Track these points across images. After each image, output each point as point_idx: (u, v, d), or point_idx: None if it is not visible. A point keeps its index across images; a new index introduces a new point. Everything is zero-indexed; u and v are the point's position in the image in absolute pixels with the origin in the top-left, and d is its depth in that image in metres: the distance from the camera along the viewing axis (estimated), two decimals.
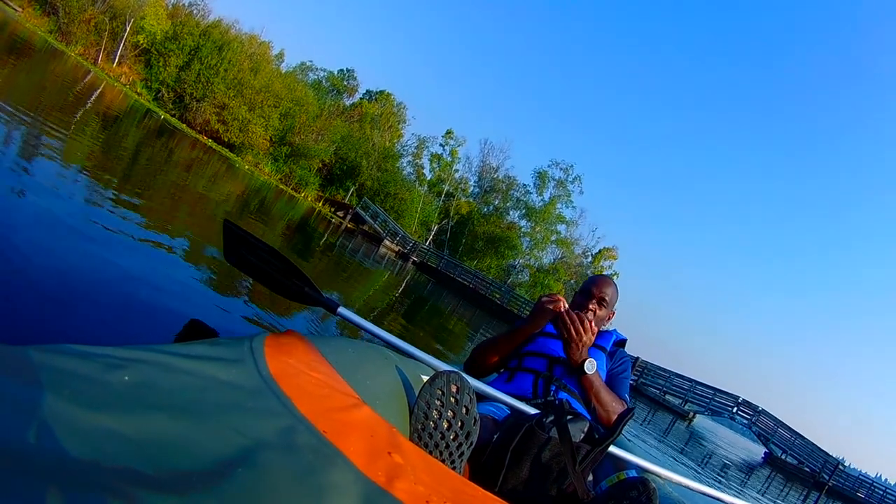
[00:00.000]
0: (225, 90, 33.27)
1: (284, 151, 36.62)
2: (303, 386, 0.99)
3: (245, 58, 35.16)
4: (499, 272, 46.70)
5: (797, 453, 27.47)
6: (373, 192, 40.08)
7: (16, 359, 0.66)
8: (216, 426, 0.74)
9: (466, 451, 1.28)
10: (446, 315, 12.89)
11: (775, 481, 16.56)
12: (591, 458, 1.42)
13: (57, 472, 0.51)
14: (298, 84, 39.81)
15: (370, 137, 43.81)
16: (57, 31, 31.01)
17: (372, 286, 9.53)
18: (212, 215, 6.61)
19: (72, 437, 0.58)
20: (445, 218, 47.47)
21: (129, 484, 0.55)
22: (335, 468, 0.79)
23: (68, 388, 0.65)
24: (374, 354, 1.47)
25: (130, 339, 2.10)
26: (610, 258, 49.06)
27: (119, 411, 0.66)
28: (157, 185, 6.43)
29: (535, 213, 47.01)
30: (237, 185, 15.10)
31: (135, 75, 32.58)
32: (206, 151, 22.78)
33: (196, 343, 0.99)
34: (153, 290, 2.74)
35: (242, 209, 9.44)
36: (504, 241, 45.77)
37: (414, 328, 6.54)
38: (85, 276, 2.48)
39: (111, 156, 6.28)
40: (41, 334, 1.76)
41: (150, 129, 15.42)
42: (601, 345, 2.22)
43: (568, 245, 48.61)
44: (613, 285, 2.32)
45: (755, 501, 8.74)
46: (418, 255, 35.22)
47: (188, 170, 10.77)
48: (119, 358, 0.77)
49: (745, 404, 27.65)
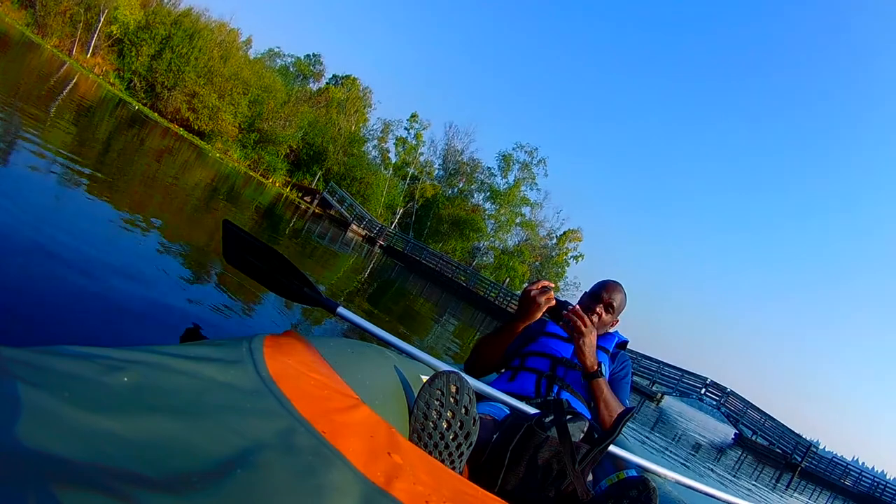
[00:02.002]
0: (195, 78, 33.18)
1: (253, 138, 36.49)
2: (302, 387, 1.00)
3: (215, 45, 34.95)
4: (464, 254, 46.66)
5: (768, 435, 27.46)
6: (339, 176, 40.12)
7: (14, 360, 0.66)
8: (215, 427, 0.75)
9: (466, 451, 1.29)
10: (413, 297, 12.87)
11: (746, 462, 16.54)
12: (590, 458, 1.43)
13: (56, 474, 0.52)
14: (267, 71, 39.60)
15: (336, 122, 43.73)
16: (34, 24, 30.71)
17: (339, 270, 9.52)
18: (193, 206, 6.62)
19: (71, 438, 0.58)
20: (410, 201, 47.41)
21: (129, 485, 0.55)
22: (334, 469, 0.81)
23: (67, 389, 0.65)
24: (373, 355, 1.48)
25: (124, 337, 2.08)
26: (575, 240, 49.31)
27: (118, 412, 0.67)
28: (132, 176, 6.41)
29: (500, 195, 47.08)
30: (207, 172, 15.00)
31: (108, 66, 32.39)
32: (177, 140, 22.66)
33: (195, 344, 1.00)
34: (144, 288, 2.74)
35: (212, 196, 9.39)
36: (469, 223, 45.81)
37: (380, 311, 6.51)
38: (74, 275, 2.45)
39: (85, 148, 6.24)
40: (35, 335, 1.74)
41: (123, 119, 15.29)
42: (603, 346, 2.21)
43: (532, 227, 48.83)
44: (623, 293, 2.30)
45: (753, 497, 8.62)
46: (385, 238, 35.21)
47: (159, 159, 10.75)
48: (118, 359, 0.78)
49: (714, 385, 27.63)
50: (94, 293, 2.35)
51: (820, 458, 28.77)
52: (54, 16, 31.15)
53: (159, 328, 2.41)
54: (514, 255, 46.98)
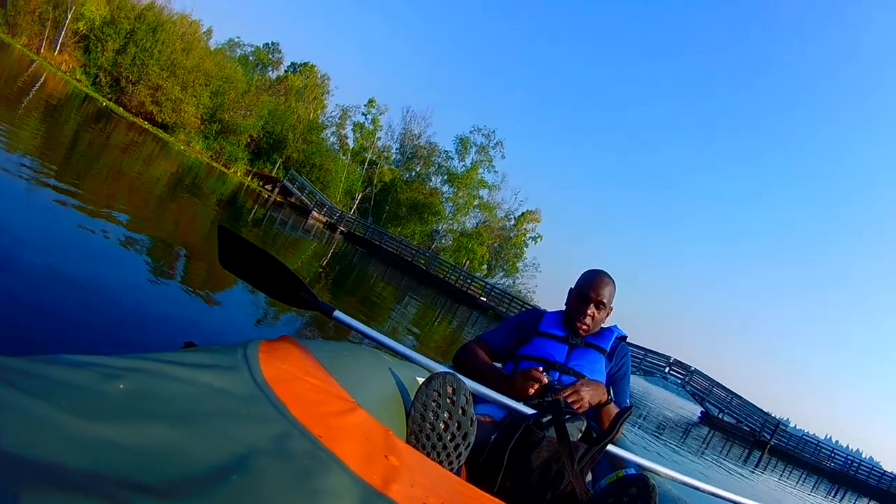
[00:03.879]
0: (159, 72, 33.23)
1: (215, 128, 36.60)
2: (297, 391, 1.00)
3: (177, 38, 35.02)
4: (423, 238, 47.00)
5: (735, 413, 27.76)
6: (299, 164, 40.35)
7: (10, 369, 0.66)
8: (211, 433, 0.75)
9: (464, 452, 1.30)
10: (374, 281, 12.98)
11: (714, 439, 16.77)
12: (589, 458, 1.43)
13: (53, 481, 0.51)
14: (228, 61, 39.74)
15: (295, 110, 43.77)
16: (4, 24, 30.52)
17: (300, 257, 9.61)
18: (157, 200, 6.76)
19: (68, 445, 0.58)
20: (369, 186, 47.59)
21: (126, 492, 0.55)
22: (330, 473, 0.81)
23: (64, 397, 0.65)
24: (368, 358, 1.49)
25: (119, 345, 2.14)
26: (533, 221, 49.87)
27: (114, 420, 0.67)
28: (98, 173, 6.45)
29: (457, 178, 47.29)
30: (170, 164, 15.12)
31: (74, 62, 32.42)
32: (140, 133, 22.79)
33: (190, 351, 0.99)
34: (130, 295, 2.75)
35: (175, 188, 9.49)
36: (427, 207, 46.13)
37: (342, 296, 6.58)
38: (55, 281, 2.45)
39: (52, 147, 6.22)
40: (27, 343, 1.79)
41: (89, 115, 15.35)
42: (600, 345, 2.18)
43: (491, 209, 49.13)
44: (611, 283, 2.25)
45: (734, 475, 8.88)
46: (345, 225, 35.40)
47: (124, 151, 10.90)
48: (114, 367, 0.78)
49: (678, 364, 27.82)
50: (85, 301, 2.36)
51: (790, 436, 29.26)
52: (24, 15, 31.06)
53: (152, 334, 2.42)
54: (472, 237, 47.22)
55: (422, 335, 7.67)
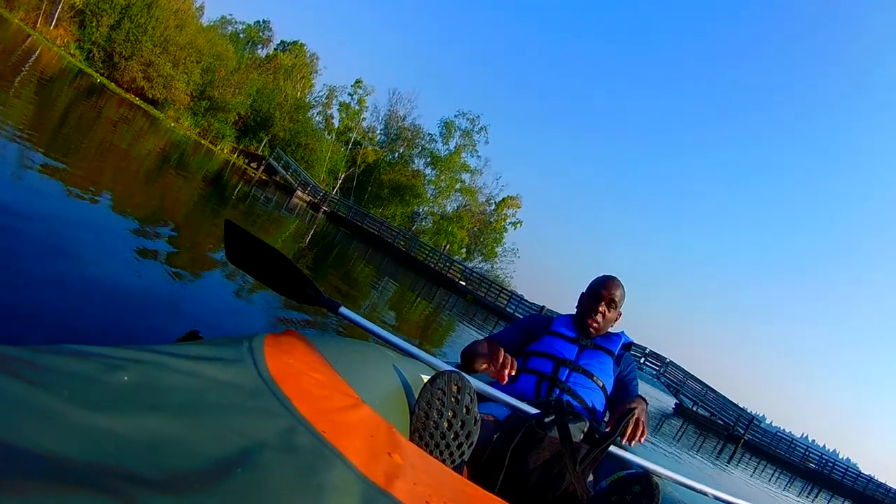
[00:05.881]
0: (152, 48, 33.01)
1: (203, 105, 36.63)
2: (302, 386, 1.00)
3: (171, 14, 34.72)
4: (403, 220, 47.37)
5: (710, 406, 27.91)
6: (284, 142, 40.48)
7: (15, 359, 0.66)
8: (215, 426, 0.75)
9: (467, 450, 1.31)
10: (355, 261, 13.02)
11: (688, 432, 16.87)
12: (591, 458, 1.45)
13: (57, 473, 0.51)
14: (219, 39, 39.58)
15: (283, 89, 43.92)
16: None
17: (282, 234, 9.60)
18: (144, 176, 6.75)
19: (71, 437, 0.58)
20: (352, 166, 47.61)
21: (129, 484, 0.55)
22: (334, 468, 0.81)
23: (67, 388, 0.65)
24: (374, 354, 1.50)
25: (122, 336, 2.09)
26: (513, 206, 50.02)
27: (118, 411, 0.67)
28: (88, 149, 6.37)
29: (440, 161, 47.49)
30: (159, 140, 15.04)
31: (69, 37, 32.04)
32: (131, 108, 22.61)
33: (195, 343, 1.00)
34: (134, 284, 2.70)
35: (162, 164, 9.41)
36: (409, 188, 46.41)
37: (320, 276, 6.51)
38: (62, 268, 2.40)
39: (43, 122, 6.22)
40: (27, 331, 1.73)
41: (81, 90, 15.38)
42: (609, 348, 2.21)
43: (472, 193, 49.33)
44: (622, 286, 2.29)
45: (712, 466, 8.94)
46: (329, 205, 35.42)
47: (115, 127, 10.87)
48: (118, 358, 0.78)
49: (653, 355, 28.03)
50: (81, 287, 2.32)
51: (764, 432, 29.61)
52: None
53: (153, 322, 2.39)
54: (452, 220, 47.53)
55: (399, 316, 7.72)
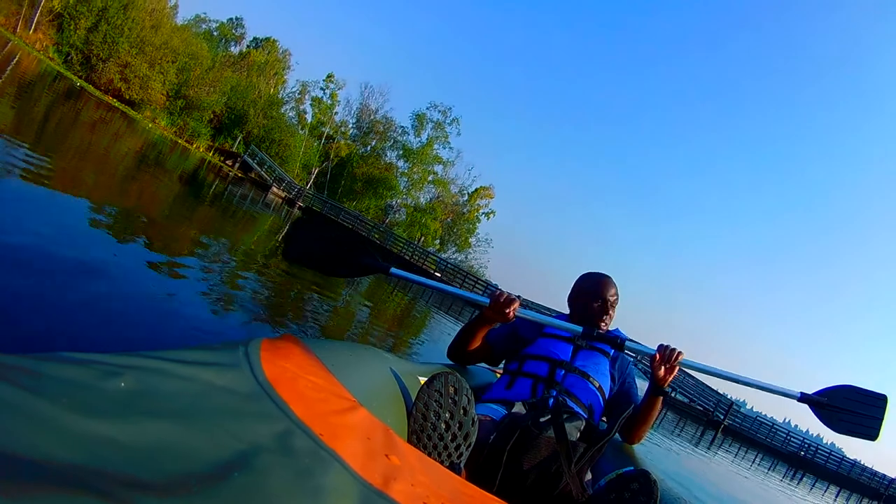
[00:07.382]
0: (128, 49, 33.13)
1: (179, 105, 36.84)
2: (299, 390, 1.01)
3: (146, 15, 34.82)
4: (377, 212, 47.67)
5: (689, 392, 28.08)
6: (259, 139, 40.53)
7: (12, 367, 0.66)
8: (212, 431, 0.75)
9: (465, 451, 1.31)
10: None
11: (668, 418, 16.92)
12: (587, 457, 1.45)
13: (55, 479, 0.52)
14: (194, 38, 39.82)
15: (256, 86, 44.05)
16: None
17: (258, 230, 9.62)
18: (122, 176, 6.75)
19: (70, 443, 0.58)
20: (325, 160, 47.87)
21: (127, 489, 0.55)
22: (331, 471, 0.81)
23: (65, 395, 0.65)
24: (370, 357, 1.50)
25: (119, 343, 2.09)
26: (486, 196, 50.58)
27: (116, 417, 0.67)
28: (67, 150, 6.40)
29: (413, 153, 47.90)
30: (136, 141, 15.13)
31: (48, 40, 32.09)
32: (109, 110, 22.85)
33: (191, 348, 0.99)
34: (114, 287, 2.69)
35: (139, 164, 9.39)
36: (382, 181, 46.76)
37: (293, 271, 6.44)
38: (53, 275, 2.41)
39: (24, 126, 6.22)
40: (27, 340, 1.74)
41: (60, 93, 15.43)
42: (604, 349, 2.21)
43: (445, 184, 49.82)
44: (615, 285, 2.29)
45: None
46: (304, 200, 35.70)
47: (93, 129, 10.89)
48: (115, 364, 0.78)
49: None
50: (74, 293, 2.33)
51: (744, 417, 29.98)
52: None
53: (150, 329, 2.40)
54: (426, 212, 48.06)
55: (374, 308, 7.76)
